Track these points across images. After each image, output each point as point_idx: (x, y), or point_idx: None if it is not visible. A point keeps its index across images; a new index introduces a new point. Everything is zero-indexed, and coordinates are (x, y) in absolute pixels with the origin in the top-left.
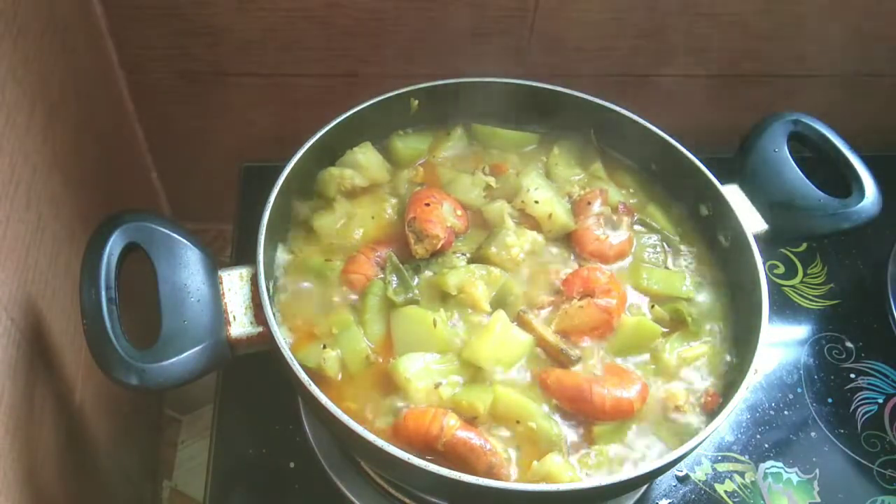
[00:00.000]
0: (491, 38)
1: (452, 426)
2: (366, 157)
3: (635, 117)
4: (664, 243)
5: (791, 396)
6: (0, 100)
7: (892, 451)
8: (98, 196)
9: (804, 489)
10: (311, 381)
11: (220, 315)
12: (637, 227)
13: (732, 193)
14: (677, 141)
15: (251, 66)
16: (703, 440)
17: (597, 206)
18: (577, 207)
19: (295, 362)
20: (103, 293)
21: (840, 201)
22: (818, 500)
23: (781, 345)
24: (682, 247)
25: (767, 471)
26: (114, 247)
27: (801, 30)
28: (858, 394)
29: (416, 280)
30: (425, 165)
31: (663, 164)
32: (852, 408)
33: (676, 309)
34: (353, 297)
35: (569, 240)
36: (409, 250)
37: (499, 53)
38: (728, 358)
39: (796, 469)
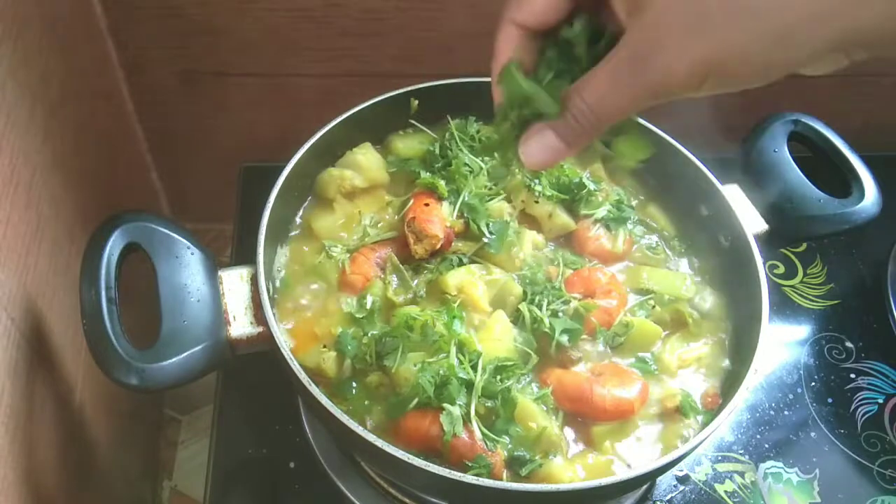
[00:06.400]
0: (491, 38)
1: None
2: (366, 158)
3: (635, 117)
4: (664, 243)
5: (791, 396)
6: (0, 100)
7: (892, 451)
8: (98, 196)
9: (804, 489)
10: (310, 382)
11: (220, 315)
12: (637, 228)
13: (732, 193)
14: (677, 141)
15: (251, 66)
16: (704, 440)
17: None
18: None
19: (295, 362)
20: (103, 293)
21: (840, 201)
22: (818, 500)
23: (781, 345)
24: (682, 247)
25: (767, 471)
26: (114, 247)
27: None
28: (858, 394)
29: (416, 280)
30: None
31: (663, 164)
32: (852, 408)
33: (677, 309)
34: (353, 297)
35: (569, 240)
36: (408, 250)
37: None
38: (728, 358)
39: (796, 469)
